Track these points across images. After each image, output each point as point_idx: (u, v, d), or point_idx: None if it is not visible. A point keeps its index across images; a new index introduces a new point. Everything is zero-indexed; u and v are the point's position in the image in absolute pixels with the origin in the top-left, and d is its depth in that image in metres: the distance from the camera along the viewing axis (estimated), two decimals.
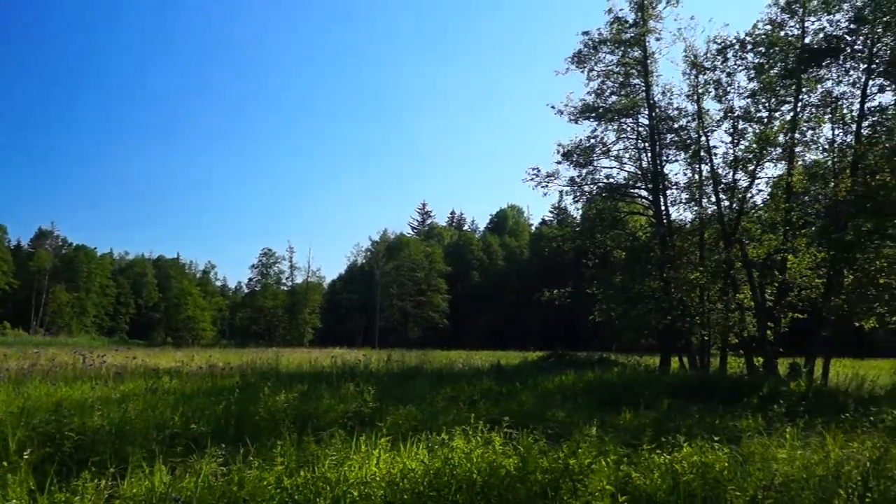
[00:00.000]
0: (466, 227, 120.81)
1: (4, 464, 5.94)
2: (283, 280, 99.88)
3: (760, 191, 25.52)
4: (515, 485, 5.79)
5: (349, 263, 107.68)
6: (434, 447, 6.77)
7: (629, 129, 29.14)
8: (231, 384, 13.78)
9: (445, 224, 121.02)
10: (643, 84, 28.24)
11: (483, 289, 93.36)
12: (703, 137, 25.87)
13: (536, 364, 28.68)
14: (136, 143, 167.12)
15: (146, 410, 9.70)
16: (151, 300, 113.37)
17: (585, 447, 6.51)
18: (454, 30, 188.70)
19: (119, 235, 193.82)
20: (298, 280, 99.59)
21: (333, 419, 10.12)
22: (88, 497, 5.35)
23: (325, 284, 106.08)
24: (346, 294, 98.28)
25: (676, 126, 27.29)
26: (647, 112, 28.20)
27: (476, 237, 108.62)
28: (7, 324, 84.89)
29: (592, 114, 28.79)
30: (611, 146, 29.16)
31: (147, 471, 6.05)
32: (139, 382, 14.21)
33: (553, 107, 29.45)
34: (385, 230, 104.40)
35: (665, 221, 27.68)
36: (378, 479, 5.81)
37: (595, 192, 29.98)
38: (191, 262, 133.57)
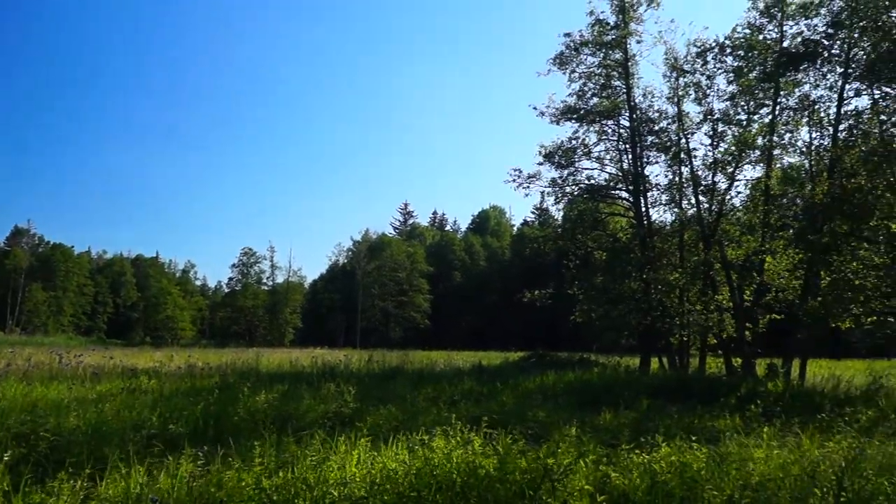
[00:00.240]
0: (448, 228, 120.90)
1: None
2: (264, 280, 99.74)
3: (739, 193, 25.77)
4: (495, 485, 5.80)
5: (331, 263, 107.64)
6: (414, 447, 6.78)
7: (610, 131, 29.32)
8: (210, 384, 13.71)
9: (427, 224, 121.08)
10: (624, 86, 28.40)
11: (465, 289, 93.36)
12: (683, 140, 26.14)
13: (517, 364, 28.70)
14: (115, 142, 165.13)
15: (123, 411, 9.61)
16: (130, 299, 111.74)
17: (565, 447, 6.54)
18: (438, 30, 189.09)
19: (97, 234, 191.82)
20: (279, 280, 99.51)
21: (314, 419, 10.10)
22: (64, 498, 5.30)
23: (307, 284, 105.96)
24: (328, 294, 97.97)
25: (657, 128, 27.55)
26: (629, 114, 28.37)
27: (458, 237, 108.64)
28: None
29: (574, 115, 28.83)
30: (592, 148, 29.30)
31: (124, 472, 5.99)
32: (116, 383, 14.05)
33: (535, 108, 29.49)
34: (367, 230, 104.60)
35: (645, 223, 27.90)
36: (358, 480, 5.81)
37: (576, 194, 30.10)
38: (170, 262, 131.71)
